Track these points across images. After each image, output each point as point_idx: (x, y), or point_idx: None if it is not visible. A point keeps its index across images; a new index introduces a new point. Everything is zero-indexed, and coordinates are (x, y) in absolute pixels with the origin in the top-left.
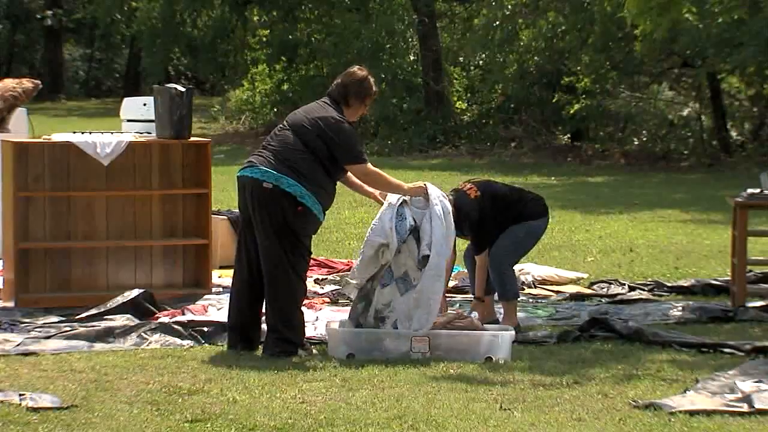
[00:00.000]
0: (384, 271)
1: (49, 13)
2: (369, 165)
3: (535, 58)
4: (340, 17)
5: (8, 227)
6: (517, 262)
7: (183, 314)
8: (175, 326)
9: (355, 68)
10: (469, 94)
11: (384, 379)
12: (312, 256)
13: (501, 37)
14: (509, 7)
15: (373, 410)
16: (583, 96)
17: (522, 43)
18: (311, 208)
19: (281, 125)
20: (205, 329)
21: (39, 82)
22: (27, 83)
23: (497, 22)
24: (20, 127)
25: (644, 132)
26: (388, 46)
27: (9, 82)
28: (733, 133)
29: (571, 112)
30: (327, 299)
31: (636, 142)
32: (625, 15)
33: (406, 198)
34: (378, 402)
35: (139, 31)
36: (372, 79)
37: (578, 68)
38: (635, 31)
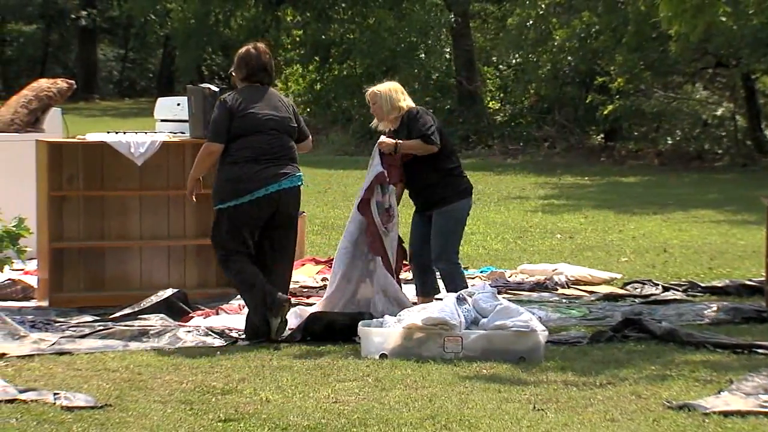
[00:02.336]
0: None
1: (84, 13)
2: None
3: (569, 57)
4: (374, 16)
5: (42, 227)
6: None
7: (217, 314)
8: (210, 332)
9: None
10: (501, 94)
11: (417, 379)
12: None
13: (534, 36)
14: (543, 6)
15: (406, 410)
16: (617, 96)
17: (555, 43)
18: None
19: (272, 133)
20: (237, 335)
21: (73, 82)
22: (61, 83)
23: (531, 22)
24: (55, 127)
25: (678, 132)
26: (421, 45)
27: (43, 83)
28: None
29: (605, 112)
30: None
31: (670, 142)
32: (660, 18)
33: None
34: (411, 402)
35: (173, 31)
36: (252, 52)
37: (612, 68)
38: (670, 32)
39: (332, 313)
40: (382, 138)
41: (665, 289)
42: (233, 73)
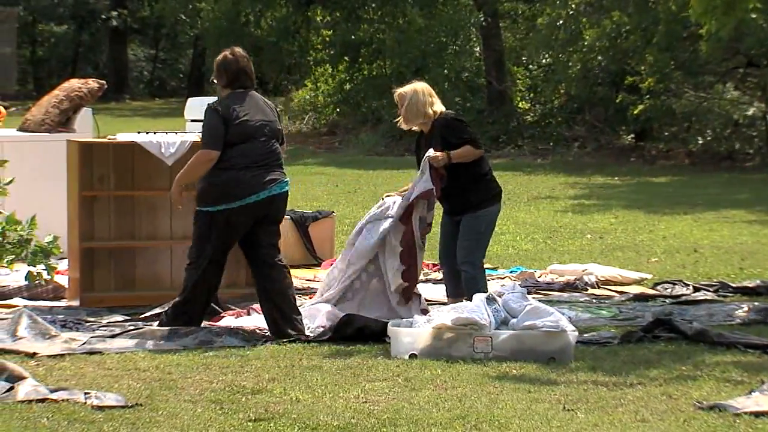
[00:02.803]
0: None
1: (115, 13)
2: None
3: (599, 57)
4: (404, 16)
5: (73, 227)
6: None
7: (248, 314)
8: (240, 332)
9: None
10: (531, 94)
11: (447, 379)
12: None
13: (564, 36)
14: (573, 6)
15: (436, 410)
16: (647, 96)
17: (586, 43)
18: None
19: (264, 140)
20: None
21: (104, 82)
22: (92, 83)
23: (561, 22)
24: (85, 127)
25: (708, 132)
26: (451, 45)
27: (74, 83)
28: None
29: (635, 112)
30: None
31: (700, 142)
32: (689, 14)
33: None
34: (441, 402)
35: (204, 31)
36: (229, 58)
37: (642, 68)
38: (700, 31)
39: (365, 318)
40: (432, 152)
41: (696, 289)
42: (214, 81)
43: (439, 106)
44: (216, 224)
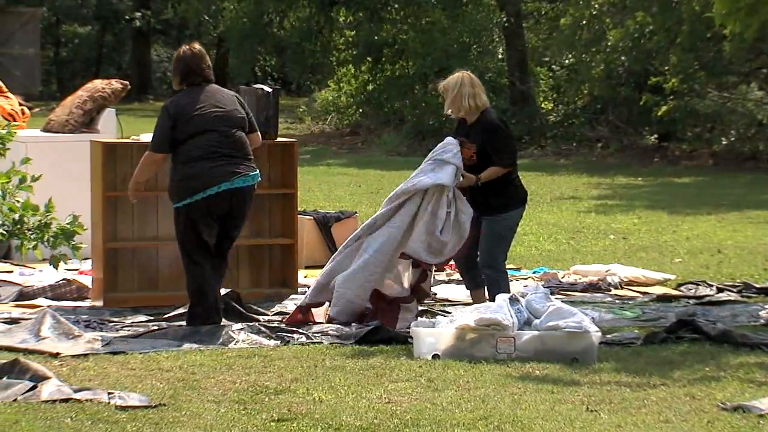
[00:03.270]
0: None
1: (138, 14)
2: None
3: (622, 58)
4: (427, 17)
5: (97, 227)
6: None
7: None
8: (263, 327)
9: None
10: (554, 94)
11: (469, 379)
12: None
13: (588, 37)
14: (596, 6)
15: (458, 411)
16: (671, 97)
17: (609, 43)
18: None
19: (222, 130)
20: (296, 336)
21: (127, 83)
22: (116, 84)
23: (584, 22)
24: (109, 128)
25: (732, 132)
26: (474, 46)
27: (98, 83)
28: None
29: (659, 114)
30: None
31: (724, 143)
32: (713, 15)
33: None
34: (463, 402)
35: (225, 31)
36: (182, 55)
37: (666, 68)
38: (724, 31)
39: (391, 330)
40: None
41: (719, 290)
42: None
43: (482, 99)
44: (186, 218)
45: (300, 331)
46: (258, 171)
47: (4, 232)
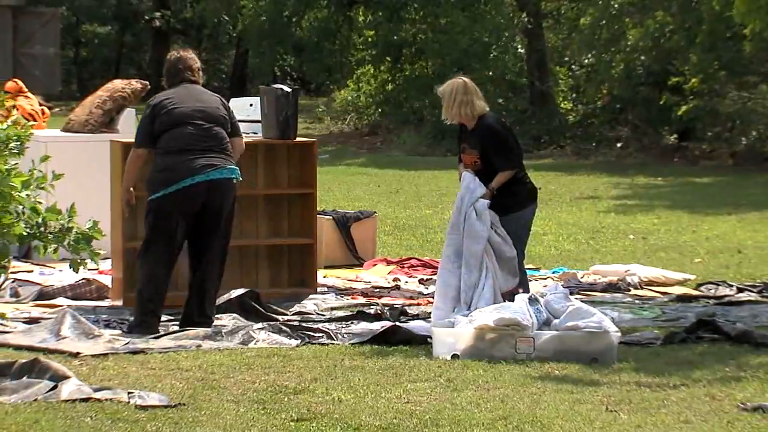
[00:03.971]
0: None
1: (157, 14)
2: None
3: (642, 57)
4: (446, 17)
5: (116, 227)
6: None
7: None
8: (283, 326)
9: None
10: (574, 94)
11: (489, 379)
12: (417, 256)
13: (607, 36)
14: (616, 6)
15: (477, 411)
16: (691, 97)
17: (629, 43)
18: None
19: (199, 124)
20: (318, 335)
21: (147, 83)
22: (135, 84)
23: (603, 22)
24: (129, 128)
25: (753, 132)
26: (494, 46)
27: (118, 83)
28: None
29: (679, 113)
30: (431, 299)
31: (744, 143)
32: (733, 14)
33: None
34: (483, 403)
35: (245, 31)
36: (170, 58)
37: (686, 68)
38: (744, 30)
39: (410, 331)
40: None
41: (739, 290)
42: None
43: (478, 106)
44: (157, 210)
45: (320, 330)
46: (237, 168)
47: (26, 233)
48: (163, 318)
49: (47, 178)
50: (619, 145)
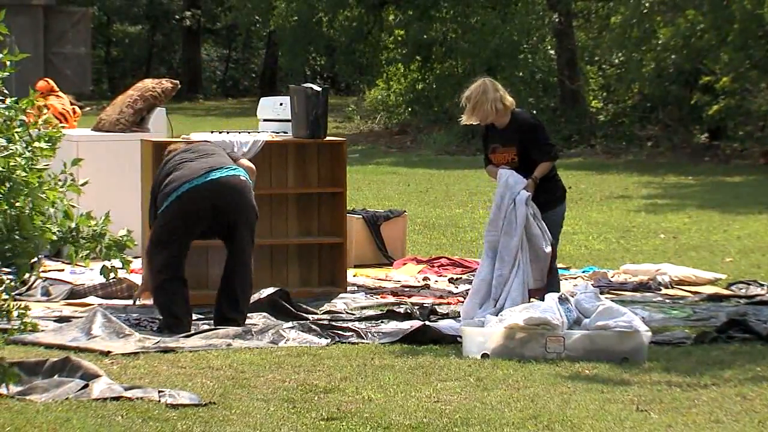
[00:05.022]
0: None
1: (188, 13)
2: None
3: (673, 56)
4: (477, 16)
5: (147, 226)
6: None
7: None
8: (313, 325)
9: None
10: (604, 93)
11: (519, 379)
12: (447, 255)
13: (638, 35)
14: (647, 5)
15: (508, 410)
16: (722, 96)
17: (659, 42)
18: None
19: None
20: (348, 334)
21: (177, 82)
22: (166, 83)
23: (634, 21)
24: (159, 127)
25: None
26: (524, 45)
27: (149, 83)
28: None
29: (710, 112)
30: (461, 299)
31: None
32: (764, 13)
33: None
34: (513, 402)
35: (276, 31)
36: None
37: (717, 67)
38: None
39: (439, 331)
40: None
41: None
42: None
43: (509, 99)
44: (164, 224)
45: (350, 329)
46: (241, 168)
47: (56, 238)
48: (194, 317)
49: (77, 180)
50: (649, 144)
